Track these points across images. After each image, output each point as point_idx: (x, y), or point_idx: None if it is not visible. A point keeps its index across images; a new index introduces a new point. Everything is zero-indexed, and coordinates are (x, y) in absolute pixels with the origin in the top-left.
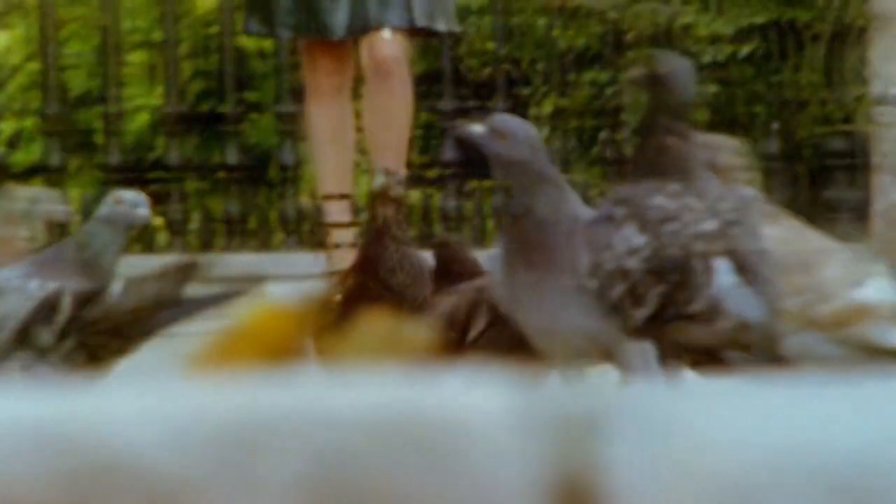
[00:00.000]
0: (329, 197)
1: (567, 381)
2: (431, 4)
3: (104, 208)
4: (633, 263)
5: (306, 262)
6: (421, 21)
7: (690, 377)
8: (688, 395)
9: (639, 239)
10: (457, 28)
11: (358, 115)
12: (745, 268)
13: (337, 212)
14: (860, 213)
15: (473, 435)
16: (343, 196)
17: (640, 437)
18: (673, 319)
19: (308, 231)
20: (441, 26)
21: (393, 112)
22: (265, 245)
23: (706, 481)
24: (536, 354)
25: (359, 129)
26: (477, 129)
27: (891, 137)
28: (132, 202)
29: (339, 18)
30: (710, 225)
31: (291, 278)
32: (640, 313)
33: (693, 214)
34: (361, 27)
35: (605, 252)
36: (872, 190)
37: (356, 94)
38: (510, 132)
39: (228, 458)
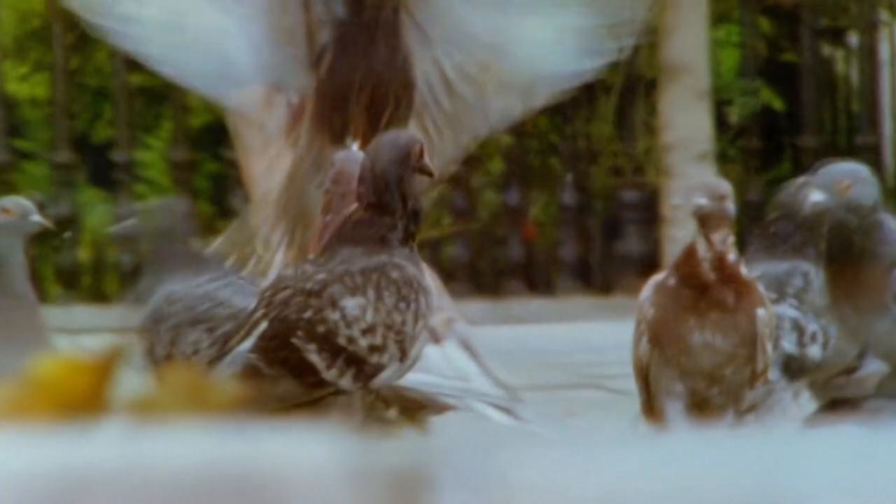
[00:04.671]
0: None
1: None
2: None
3: None
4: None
5: (85, 315)
6: None
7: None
8: (516, 447)
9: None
10: None
11: None
12: None
13: None
14: (651, 266)
15: (302, 488)
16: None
17: (467, 491)
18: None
19: (87, 285)
20: None
21: None
22: (40, 299)
23: None
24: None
25: None
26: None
27: (680, 189)
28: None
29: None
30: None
31: (70, 332)
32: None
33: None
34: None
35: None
36: (662, 243)
37: None
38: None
39: None
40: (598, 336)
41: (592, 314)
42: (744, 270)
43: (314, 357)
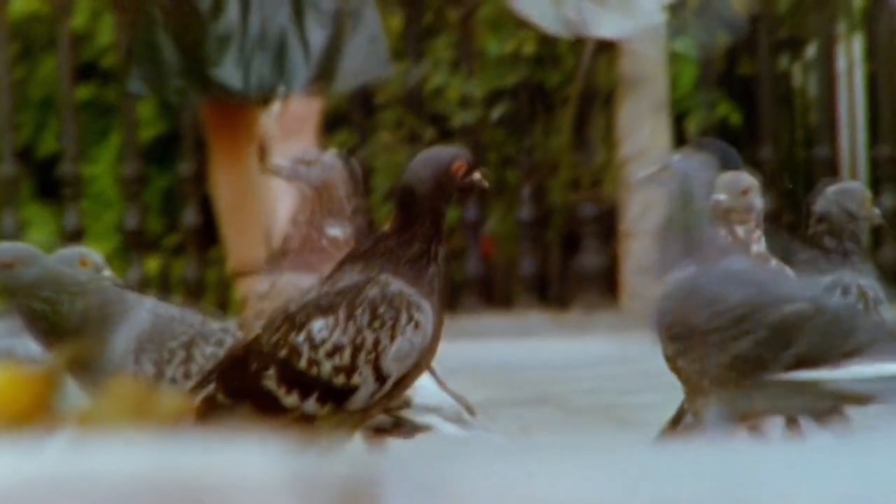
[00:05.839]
0: (238, 274)
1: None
2: (347, 59)
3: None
4: None
5: None
6: (328, 81)
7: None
8: (465, 458)
9: None
10: (384, 71)
11: None
12: None
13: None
14: (609, 281)
15: (249, 499)
16: (253, 273)
17: (416, 500)
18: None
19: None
20: (358, 79)
21: None
22: None
23: None
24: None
25: None
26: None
27: (639, 202)
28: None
29: (232, 77)
30: None
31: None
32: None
33: None
34: (259, 88)
35: None
36: (621, 257)
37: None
38: None
39: None
40: (555, 352)
41: (549, 330)
42: (773, 263)
43: (271, 384)
